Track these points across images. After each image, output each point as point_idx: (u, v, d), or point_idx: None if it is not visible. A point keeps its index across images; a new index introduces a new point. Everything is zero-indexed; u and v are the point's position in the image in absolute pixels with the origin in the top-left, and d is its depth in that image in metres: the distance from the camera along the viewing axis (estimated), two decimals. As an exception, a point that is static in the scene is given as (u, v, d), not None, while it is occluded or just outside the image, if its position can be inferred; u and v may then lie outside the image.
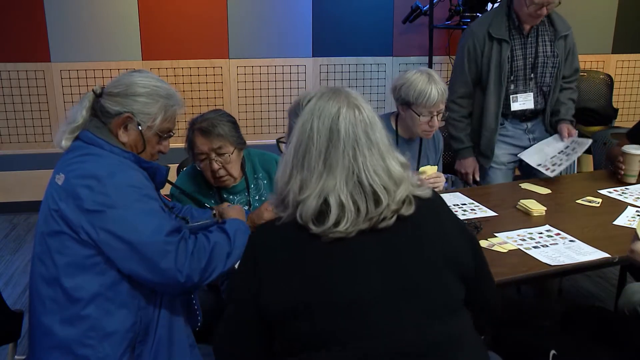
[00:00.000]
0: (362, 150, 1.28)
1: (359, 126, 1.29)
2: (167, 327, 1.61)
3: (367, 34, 4.70)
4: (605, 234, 2.12)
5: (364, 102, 1.35)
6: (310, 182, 1.27)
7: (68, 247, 1.51)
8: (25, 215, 4.41)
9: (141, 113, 1.63)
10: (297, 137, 1.32)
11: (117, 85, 1.65)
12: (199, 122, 2.15)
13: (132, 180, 1.55)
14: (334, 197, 1.25)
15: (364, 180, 1.26)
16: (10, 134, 4.49)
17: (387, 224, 1.27)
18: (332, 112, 1.30)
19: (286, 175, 1.31)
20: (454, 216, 1.43)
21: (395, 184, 1.29)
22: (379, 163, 1.29)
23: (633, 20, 5.15)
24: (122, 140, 1.64)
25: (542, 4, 2.66)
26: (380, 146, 1.30)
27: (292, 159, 1.31)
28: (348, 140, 1.28)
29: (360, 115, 1.31)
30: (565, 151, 2.76)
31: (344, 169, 1.26)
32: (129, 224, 1.48)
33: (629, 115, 5.41)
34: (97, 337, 1.51)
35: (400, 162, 1.34)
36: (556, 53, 2.87)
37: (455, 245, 1.34)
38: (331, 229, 1.24)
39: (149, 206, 1.54)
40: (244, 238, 1.68)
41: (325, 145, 1.28)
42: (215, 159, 2.13)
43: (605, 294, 3.23)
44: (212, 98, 4.66)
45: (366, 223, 1.26)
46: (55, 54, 4.38)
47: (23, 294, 3.24)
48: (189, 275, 1.50)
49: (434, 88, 2.42)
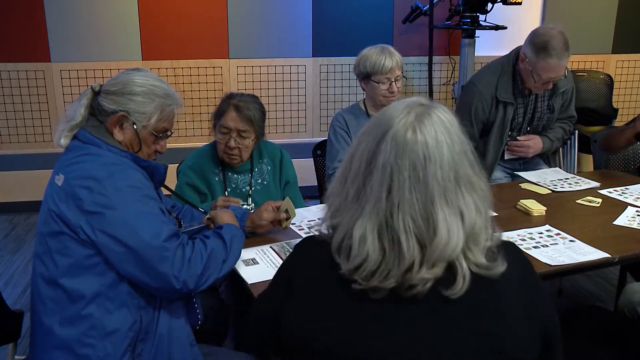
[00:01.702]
0: (401, 187, 1.02)
1: (405, 155, 1.02)
2: (167, 325, 1.61)
3: (367, 34, 4.70)
4: (605, 234, 2.12)
5: (435, 128, 1.04)
6: (342, 208, 1.09)
7: (68, 248, 1.51)
8: (25, 215, 4.41)
9: (136, 112, 1.63)
10: (351, 147, 1.12)
11: (115, 83, 1.65)
12: (236, 98, 2.28)
13: (132, 180, 1.55)
14: (357, 233, 1.04)
15: (394, 223, 1.02)
16: (10, 134, 4.50)
17: (417, 293, 1.02)
18: (384, 128, 1.06)
19: (330, 191, 1.14)
20: (532, 293, 1.11)
21: (432, 240, 1.01)
22: (419, 207, 1.02)
23: (633, 20, 5.15)
24: (117, 138, 1.63)
25: (550, 80, 2.66)
26: (431, 186, 1.02)
27: (341, 173, 1.12)
28: (385, 171, 1.03)
29: (413, 139, 1.03)
30: (567, 180, 2.75)
31: (374, 204, 1.04)
32: (128, 227, 1.48)
33: (629, 115, 5.40)
34: (97, 336, 1.51)
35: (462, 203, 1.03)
36: (553, 108, 2.91)
37: (511, 337, 1.05)
38: (356, 272, 1.04)
39: (148, 208, 1.53)
40: (240, 244, 1.72)
41: (364, 169, 1.06)
42: (235, 137, 2.25)
43: (605, 294, 3.23)
44: (212, 98, 4.66)
45: (392, 280, 1.02)
46: (55, 54, 4.39)
47: (23, 294, 3.24)
48: (185, 281, 1.50)
49: (388, 57, 2.62)
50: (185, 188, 2.35)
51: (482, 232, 1.07)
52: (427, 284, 1.02)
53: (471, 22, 4.34)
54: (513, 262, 1.11)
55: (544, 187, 2.62)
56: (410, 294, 1.02)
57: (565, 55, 2.58)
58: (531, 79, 2.69)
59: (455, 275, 1.03)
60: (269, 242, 2.02)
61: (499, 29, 4.39)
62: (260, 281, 1.73)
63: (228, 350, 1.91)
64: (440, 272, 1.02)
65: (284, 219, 2.04)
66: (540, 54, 2.58)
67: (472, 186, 1.06)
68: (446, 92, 5.01)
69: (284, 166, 2.48)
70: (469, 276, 1.03)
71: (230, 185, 2.37)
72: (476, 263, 1.05)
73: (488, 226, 1.09)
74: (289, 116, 4.76)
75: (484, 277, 1.05)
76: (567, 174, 2.85)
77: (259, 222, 2.02)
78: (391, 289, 1.03)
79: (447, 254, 1.02)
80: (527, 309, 1.09)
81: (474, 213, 1.05)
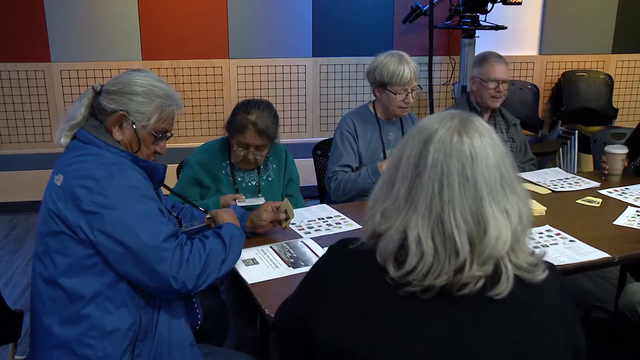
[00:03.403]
0: (451, 185, 1.05)
1: (453, 155, 1.06)
2: (167, 326, 1.61)
3: (367, 34, 4.71)
4: (605, 234, 2.12)
5: (478, 131, 1.09)
6: (392, 212, 1.09)
7: (68, 248, 1.51)
8: (25, 215, 4.41)
9: (136, 112, 1.63)
10: (393, 156, 1.15)
11: (115, 83, 1.65)
12: (254, 114, 2.26)
13: (131, 180, 1.55)
14: (413, 234, 1.05)
15: (446, 221, 1.04)
16: (10, 134, 4.50)
17: (469, 292, 1.04)
18: (428, 132, 1.10)
19: (372, 199, 1.15)
20: (566, 315, 1.12)
21: (483, 238, 1.04)
22: (469, 205, 1.04)
23: (633, 20, 5.16)
24: (117, 138, 1.63)
25: (497, 80, 2.89)
26: (479, 185, 1.05)
27: (383, 181, 1.14)
28: (435, 170, 1.06)
29: (459, 141, 1.07)
30: (567, 180, 2.75)
31: (426, 203, 1.05)
32: (127, 227, 1.48)
33: (629, 115, 5.41)
34: (97, 336, 1.51)
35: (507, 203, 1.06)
36: (512, 138, 3.02)
37: (544, 356, 1.06)
38: (411, 274, 1.05)
39: (147, 208, 1.53)
40: (240, 244, 1.71)
41: (412, 171, 1.08)
42: (253, 152, 2.31)
43: (605, 294, 3.23)
44: (212, 98, 4.66)
45: (444, 277, 1.04)
46: (55, 54, 4.39)
47: (23, 294, 3.24)
48: (183, 282, 1.50)
49: (406, 67, 2.58)
50: (188, 181, 2.37)
51: (524, 234, 1.09)
52: (479, 283, 1.04)
53: (471, 22, 4.35)
54: (555, 276, 1.13)
55: (544, 187, 2.62)
56: (461, 294, 1.04)
57: (502, 61, 2.94)
58: (484, 90, 2.93)
59: (499, 275, 1.05)
60: (269, 242, 2.02)
61: (499, 29, 4.40)
62: (260, 281, 1.73)
63: (228, 350, 1.91)
64: (490, 270, 1.04)
65: (284, 219, 2.05)
66: (482, 63, 2.95)
67: (514, 188, 1.09)
68: (446, 92, 5.01)
69: (288, 164, 2.53)
70: (513, 277, 1.05)
71: (236, 180, 2.39)
72: (519, 265, 1.07)
73: (528, 230, 1.11)
74: (289, 116, 4.76)
75: (527, 282, 1.07)
76: (567, 174, 2.86)
77: (259, 223, 2.02)
78: (442, 287, 1.04)
79: (497, 251, 1.04)
80: (564, 331, 1.10)
81: (517, 214, 1.08)
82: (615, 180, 2.72)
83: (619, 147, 2.75)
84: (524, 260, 1.08)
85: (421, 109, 4.98)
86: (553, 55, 5.14)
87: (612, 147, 2.77)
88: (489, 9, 4.34)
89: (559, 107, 5.05)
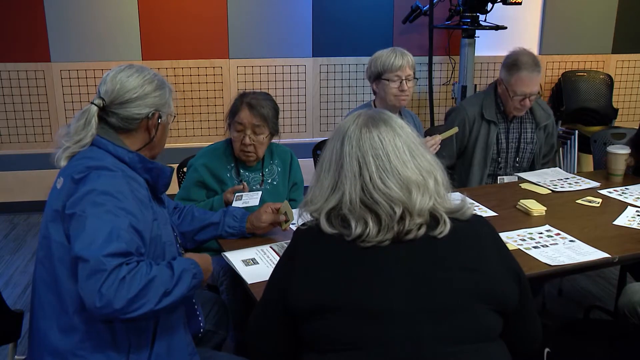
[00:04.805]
0: (368, 164, 1.30)
1: (365, 141, 1.32)
2: (165, 339, 1.56)
3: (367, 34, 4.71)
4: (605, 234, 2.12)
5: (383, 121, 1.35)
6: (318, 198, 1.34)
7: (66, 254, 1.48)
8: (25, 215, 4.41)
9: (162, 105, 1.66)
10: (319, 158, 1.42)
11: (125, 91, 1.60)
12: (249, 97, 2.36)
13: (113, 187, 1.48)
14: (346, 207, 1.29)
15: (373, 193, 1.28)
16: (10, 134, 4.50)
17: (415, 236, 1.27)
18: (343, 131, 1.36)
19: (310, 187, 1.38)
20: (499, 245, 1.37)
21: (409, 192, 1.28)
22: (388, 176, 1.29)
23: (633, 20, 5.15)
24: (144, 141, 1.64)
25: (524, 95, 2.73)
26: (392, 159, 1.30)
27: (316, 175, 1.39)
28: (352, 157, 1.31)
29: (367, 131, 1.33)
30: (567, 180, 2.75)
31: (351, 181, 1.30)
32: (85, 231, 1.40)
33: (629, 115, 5.41)
34: (89, 347, 1.48)
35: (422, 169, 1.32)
36: (535, 141, 2.94)
37: (493, 276, 1.29)
38: (360, 238, 1.27)
39: (114, 220, 1.43)
40: (190, 281, 1.50)
41: (335, 162, 1.34)
42: (249, 135, 2.31)
43: (605, 294, 3.23)
44: (212, 98, 4.66)
45: (390, 233, 1.27)
46: (55, 54, 4.39)
47: (23, 294, 3.24)
48: (109, 301, 1.34)
49: (399, 55, 2.66)
50: (194, 184, 2.37)
51: (442, 187, 1.34)
52: (421, 229, 1.28)
53: (471, 22, 4.35)
54: (484, 221, 1.39)
55: (544, 187, 2.62)
56: (408, 238, 1.27)
57: (535, 70, 2.72)
58: (509, 100, 2.79)
59: (437, 219, 1.30)
60: (269, 242, 2.02)
61: (499, 29, 4.40)
62: (260, 281, 1.73)
63: (228, 355, 1.89)
64: (427, 218, 1.29)
65: (283, 220, 2.05)
66: (512, 71, 2.74)
67: (425, 157, 1.34)
68: (446, 92, 5.01)
69: (293, 168, 2.53)
70: (449, 220, 1.30)
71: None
72: (450, 209, 1.33)
73: (445, 183, 1.35)
74: (289, 116, 4.76)
75: (461, 220, 1.33)
76: (567, 174, 2.86)
77: (258, 224, 2.03)
78: (393, 237, 1.27)
79: (424, 203, 1.28)
80: (501, 258, 1.33)
81: (432, 175, 1.33)
82: (617, 180, 2.73)
83: (621, 147, 2.76)
84: (452, 204, 1.34)
85: (421, 109, 4.98)
86: (553, 55, 5.14)
87: (614, 147, 2.77)
88: (489, 9, 4.34)
89: (559, 107, 5.05)
